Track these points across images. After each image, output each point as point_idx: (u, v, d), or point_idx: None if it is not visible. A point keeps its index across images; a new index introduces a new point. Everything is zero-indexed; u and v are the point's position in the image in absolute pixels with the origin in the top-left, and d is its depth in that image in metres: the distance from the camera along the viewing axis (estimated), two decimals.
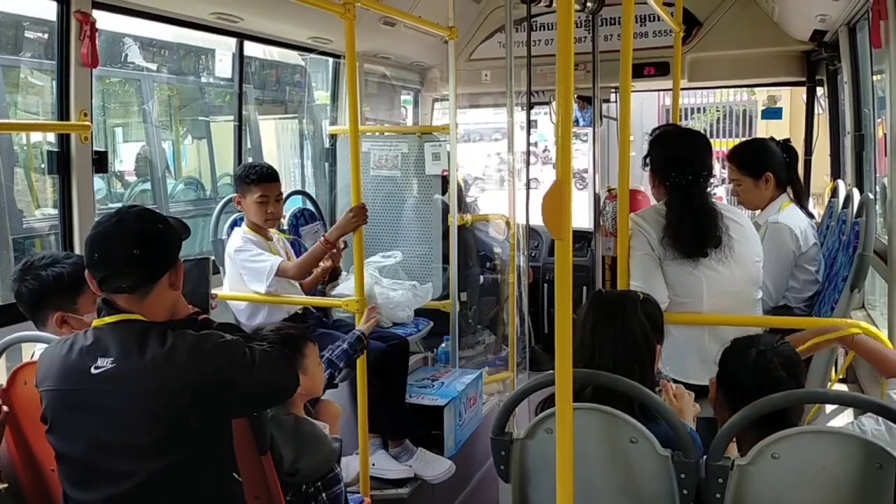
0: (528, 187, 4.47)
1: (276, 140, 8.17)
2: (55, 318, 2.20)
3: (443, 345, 4.24)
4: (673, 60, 4.16)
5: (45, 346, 2.04)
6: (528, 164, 4.58)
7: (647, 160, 2.84)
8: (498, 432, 1.98)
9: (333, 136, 4.63)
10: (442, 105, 5.68)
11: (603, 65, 4.52)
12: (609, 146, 5.02)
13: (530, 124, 4.59)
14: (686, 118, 12.95)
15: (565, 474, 1.58)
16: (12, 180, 5.41)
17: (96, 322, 1.80)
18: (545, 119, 6.43)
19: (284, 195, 4.30)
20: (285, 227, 4.06)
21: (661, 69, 4.88)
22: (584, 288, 4.83)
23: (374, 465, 3.23)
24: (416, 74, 5.36)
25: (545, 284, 5.28)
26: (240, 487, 1.90)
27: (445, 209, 4.19)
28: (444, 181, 4.25)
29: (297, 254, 3.67)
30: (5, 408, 2.07)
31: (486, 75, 5.15)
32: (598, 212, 4.75)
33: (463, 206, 4.38)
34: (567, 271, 1.52)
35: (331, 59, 4.75)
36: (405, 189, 4.35)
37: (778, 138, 3.51)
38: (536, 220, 4.56)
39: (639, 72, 4.70)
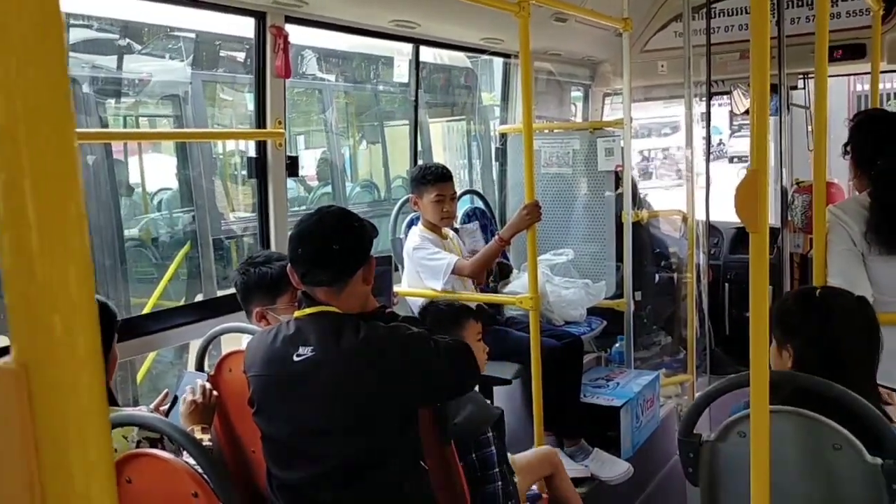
0: (707, 182, 4.28)
1: (443, 142, 8.36)
2: (256, 313, 2.42)
3: (616, 345, 4.15)
4: (870, 42, 3.82)
5: (250, 336, 2.21)
6: (707, 157, 4.38)
7: (847, 148, 2.63)
8: (686, 433, 1.91)
9: (503, 136, 4.66)
10: (612, 100, 5.56)
11: (790, 49, 4.24)
12: (796, 136, 4.71)
13: (710, 116, 4.39)
14: (882, 104, 11.85)
15: (760, 481, 1.50)
16: (213, 186, 5.89)
17: (297, 313, 1.93)
18: (719, 112, 6.14)
19: (456, 195, 4.41)
20: (457, 227, 4.13)
21: (853, 52, 4.50)
22: (772, 287, 4.55)
23: None
24: (587, 69, 5.29)
25: (726, 283, 5.04)
26: (427, 476, 1.97)
27: (618, 205, 4.11)
28: (617, 177, 4.17)
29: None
30: (216, 392, 2.26)
31: (661, 66, 4.99)
32: (785, 206, 4.46)
33: (637, 203, 4.26)
34: (763, 266, 1.44)
35: (500, 59, 4.79)
36: (576, 186, 4.31)
37: None
38: (716, 215, 4.40)
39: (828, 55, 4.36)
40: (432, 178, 3.37)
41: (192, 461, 1.67)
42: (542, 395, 2.99)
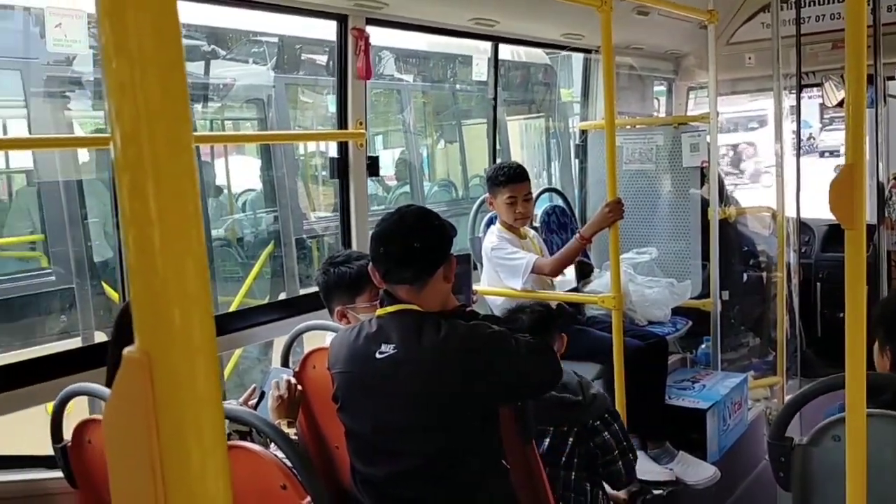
0: (797, 177, 4.13)
1: (521, 140, 8.33)
2: (337, 311, 2.47)
3: (703, 346, 4.05)
4: None
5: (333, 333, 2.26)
6: (798, 152, 4.23)
7: None
8: (777, 437, 1.86)
9: (584, 133, 4.61)
10: (696, 94, 5.43)
11: (886, 38, 4.05)
12: (893, 129, 4.49)
13: (800, 109, 4.23)
14: None
15: (856, 487, 1.44)
16: (295, 187, 6.04)
17: (379, 311, 1.96)
18: (809, 105, 5.92)
19: (535, 194, 4.39)
20: (537, 225, 4.11)
21: None
22: (867, 287, 4.35)
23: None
24: (670, 63, 5.18)
25: (818, 283, 4.85)
26: (508, 475, 1.97)
27: (704, 202, 4.00)
28: (702, 173, 4.07)
29: (550, 252, 3.70)
30: (300, 387, 2.32)
31: (748, 59, 4.84)
32: (881, 202, 4.26)
33: (724, 199, 4.15)
34: (860, 265, 1.39)
35: (580, 55, 4.74)
36: (659, 183, 4.22)
37: None
38: (807, 212, 4.25)
39: None
40: (504, 178, 3.35)
41: (280, 454, 1.72)
42: (626, 396, 2.95)
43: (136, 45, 0.38)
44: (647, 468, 3.21)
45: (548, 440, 2.48)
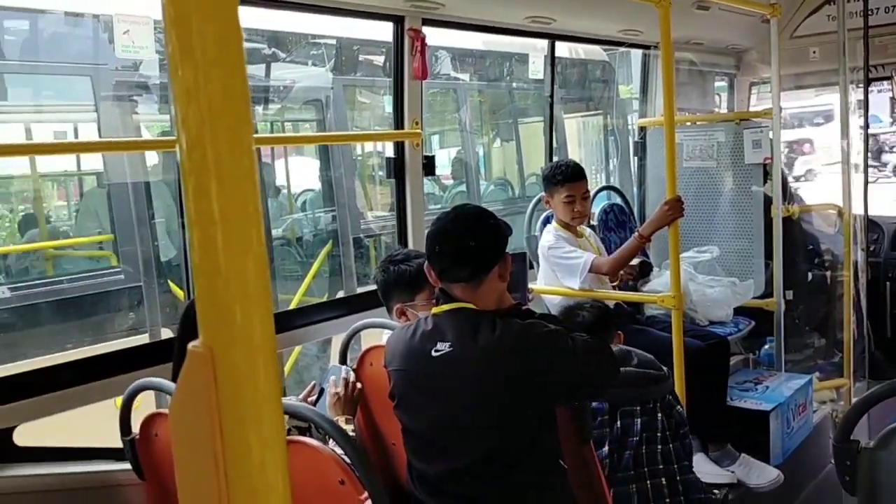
0: (865, 174, 4.00)
1: (579, 137, 8.26)
2: (396, 309, 2.49)
3: (766, 346, 3.96)
4: None
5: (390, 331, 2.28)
6: (866, 147, 4.10)
7: None
8: (843, 440, 1.80)
9: (643, 130, 4.55)
10: (759, 89, 5.31)
11: None
12: None
13: (867, 104, 4.10)
14: None
15: None
16: (353, 186, 6.12)
17: (434, 310, 1.97)
18: (877, 99, 5.71)
19: (592, 192, 4.35)
20: (594, 224, 4.08)
21: None
22: None
23: (693, 466, 3.12)
24: (731, 58, 5.07)
25: (888, 282, 4.69)
26: (565, 475, 1.96)
27: (766, 200, 3.91)
28: (765, 170, 3.97)
29: (608, 251, 3.67)
30: (359, 384, 2.35)
31: (813, 52, 4.71)
32: None
33: (787, 197, 4.04)
34: None
35: (638, 51, 4.68)
36: (720, 180, 4.13)
37: None
38: (875, 209, 4.11)
39: None
40: (562, 177, 3.33)
41: (338, 450, 1.74)
42: (686, 397, 2.90)
43: (200, 52, 0.39)
44: (707, 470, 3.15)
45: (639, 419, 2.48)
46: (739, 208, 4.05)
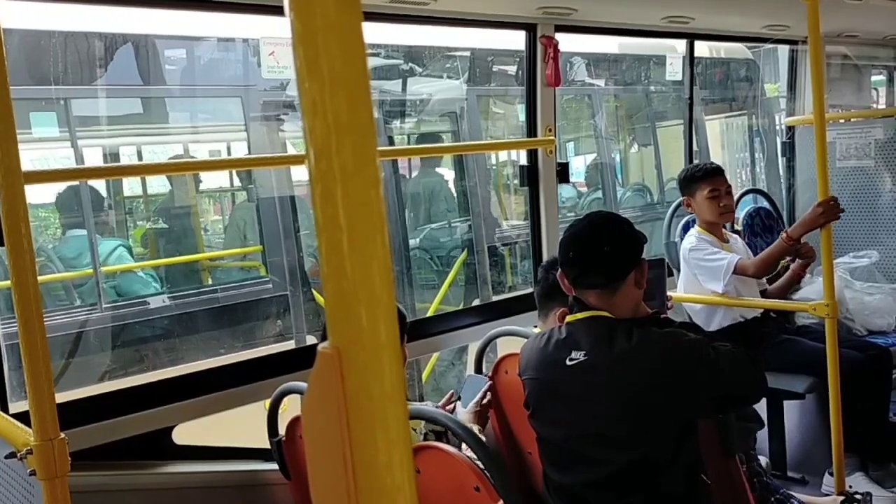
0: None
1: (720, 140, 7.95)
2: (559, 314, 2.45)
3: None
4: None
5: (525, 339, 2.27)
6: None
7: None
8: None
9: (791, 129, 4.32)
10: None
11: None
12: None
13: None
14: None
15: None
16: (488, 195, 6.17)
17: (569, 318, 1.95)
18: None
19: (737, 195, 4.16)
20: (739, 228, 3.90)
21: None
22: None
23: (850, 487, 2.90)
24: (891, 50, 4.72)
25: None
26: (708, 489, 1.88)
27: None
28: None
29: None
30: (489, 395, 2.36)
31: None
32: None
33: None
34: None
35: (785, 47, 4.45)
36: (880, 180, 3.86)
37: None
38: None
39: None
40: (702, 173, 3.22)
41: (472, 456, 1.76)
42: (842, 412, 2.71)
43: (326, 67, 0.41)
44: (866, 490, 2.93)
45: None
46: None
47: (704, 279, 3.21)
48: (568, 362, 1.87)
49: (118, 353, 4.38)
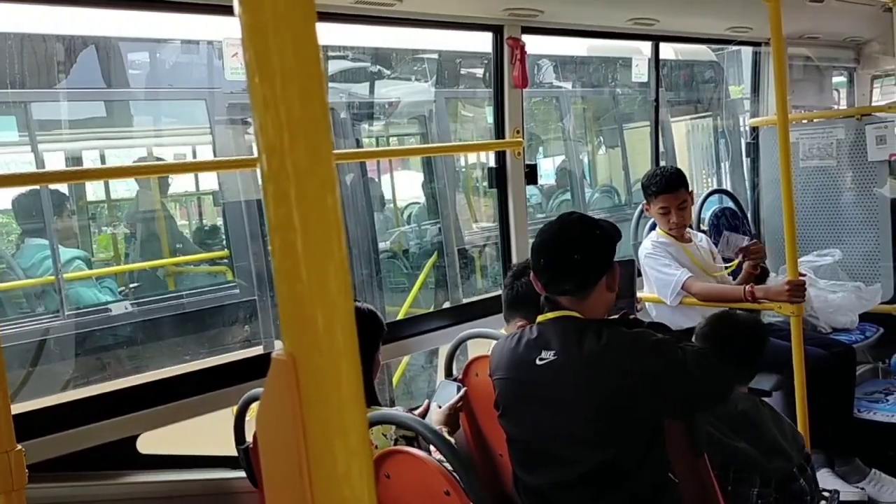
0: None
1: (686, 141, 8.03)
2: (520, 326, 2.44)
3: None
4: None
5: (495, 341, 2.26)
6: None
7: None
8: None
9: (755, 130, 4.37)
10: (882, 82, 5.00)
11: None
12: None
13: None
14: None
15: None
16: (455, 199, 6.15)
17: (539, 318, 1.94)
18: None
19: (703, 196, 4.19)
20: (705, 228, 3.94)
21: None
22: None
23: None
24: (851, 51, 4.80)
25: None
26: (676, 489, 1.88)
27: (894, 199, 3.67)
28: (890, 167, 3.73)
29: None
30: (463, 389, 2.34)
31: None
32: None
33: None
34: None
35: (749, 49, 4.51)
36: (841, 179, 3.93)
37: None
38: None
39: None
40: (656, 189, 3.21)
41: (445, 462, 1.74)
42: (808, 409, 2.74)
43: (277, 61, 0.40)
44: (832, 486, 2.97)
45: (755, 490, 2.33)
46: (863, 208, 3.84)
47: (656, 289, 3.22)
48: (538, 362, 1.87)
49: (81, 362, 4.29)
